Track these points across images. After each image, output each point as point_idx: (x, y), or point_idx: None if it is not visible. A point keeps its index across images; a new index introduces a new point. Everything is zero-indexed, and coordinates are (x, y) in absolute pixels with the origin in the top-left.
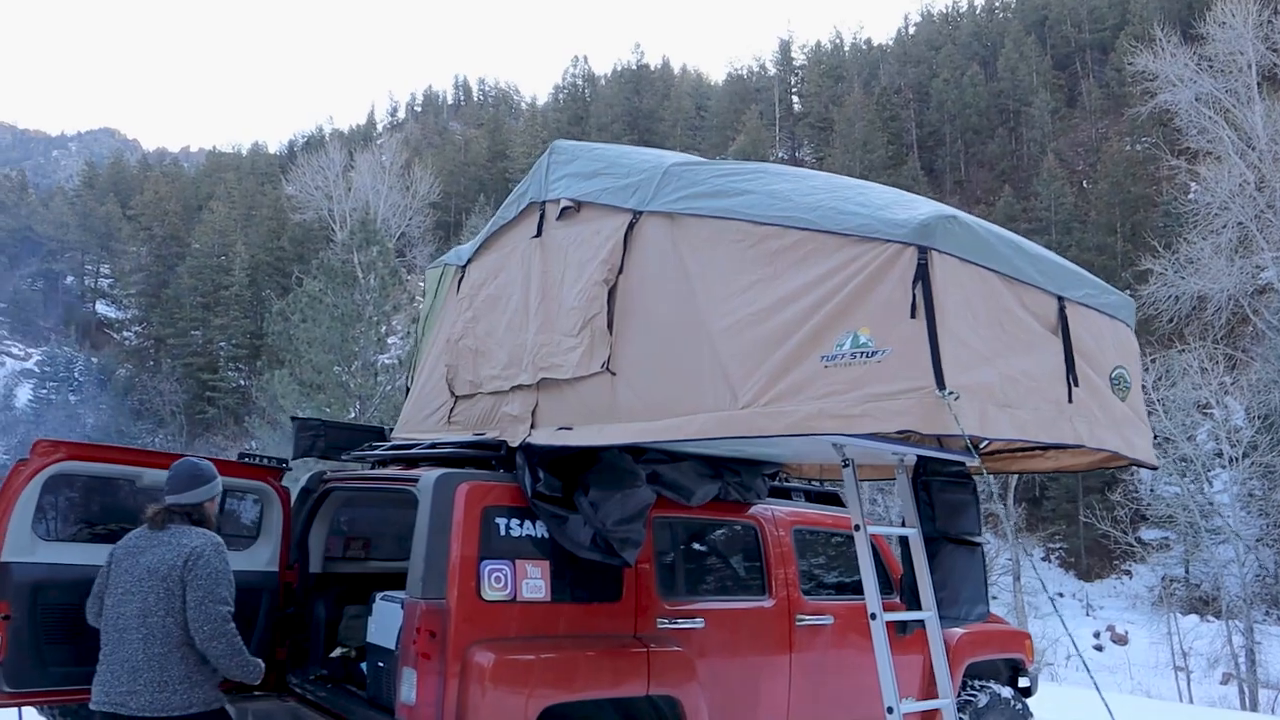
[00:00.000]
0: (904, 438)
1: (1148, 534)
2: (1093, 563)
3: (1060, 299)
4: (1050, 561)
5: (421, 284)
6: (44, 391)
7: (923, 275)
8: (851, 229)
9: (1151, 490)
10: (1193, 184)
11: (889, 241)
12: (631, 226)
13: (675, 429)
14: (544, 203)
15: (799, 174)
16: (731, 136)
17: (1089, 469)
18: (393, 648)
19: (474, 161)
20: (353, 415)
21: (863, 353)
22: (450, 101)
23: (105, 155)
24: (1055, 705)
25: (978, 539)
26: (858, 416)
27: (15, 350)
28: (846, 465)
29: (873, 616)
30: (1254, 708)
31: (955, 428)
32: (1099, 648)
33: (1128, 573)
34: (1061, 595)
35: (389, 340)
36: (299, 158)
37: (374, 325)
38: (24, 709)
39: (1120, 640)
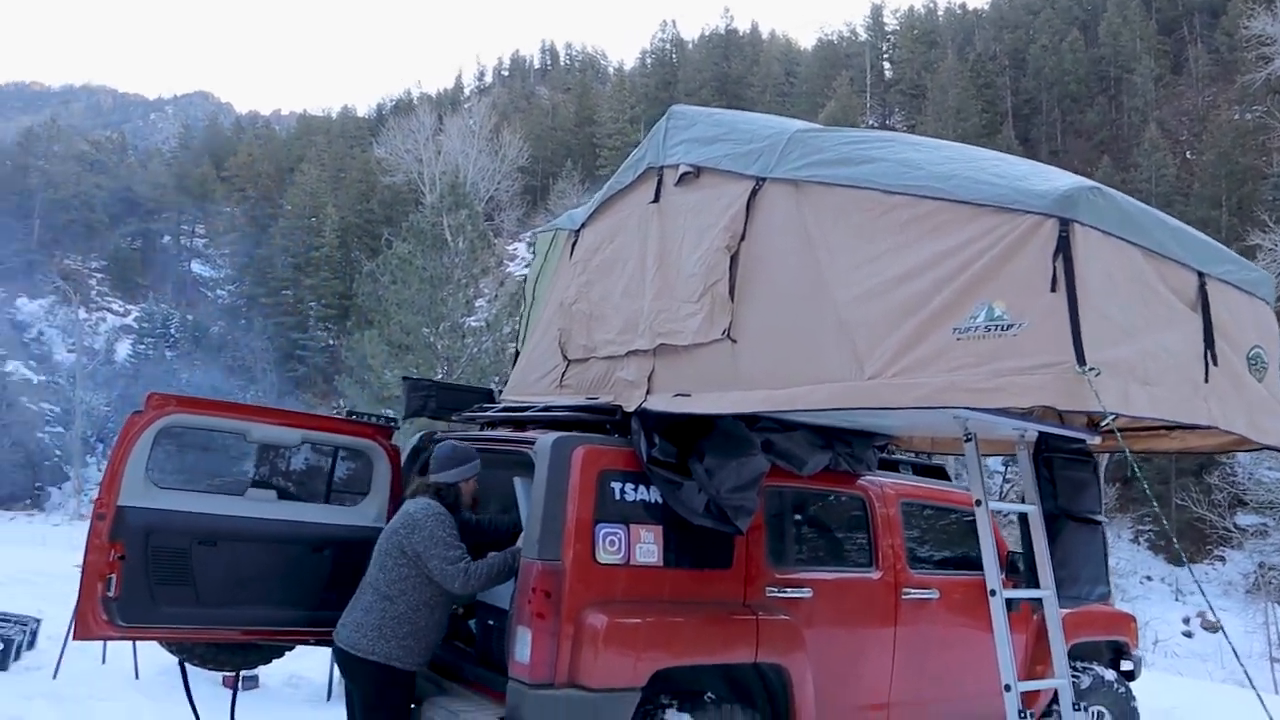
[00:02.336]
0: (1027, 413)
1: (1244, 519)
2: (1184, 546)
3: (1201, 275)
4: (1140, 544)
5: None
6: (142, 347)
7: (1064, 248)
8: (988, 199)
9: (1251, 475)
10: None
11: (1028, 213)
12: (754, 193)
13: (799, 398)
14: (662, 168)
15: (930, 143)
16: (821, 103)
17: (1216, 450)
18: (505, 607)
19: (561, 126)
20: (440, 376)
21: (998, 326)
22: (537, 66)
23: (200, 118)
24: (1150, 691)
25: (1099, 517)
26: (991, 390)
27: (115, 307)
28: (969, 440)
29: (992, 593)
30: None
31: (1095, 404)
32: (1189, 634)
33: (1221, 558)
34: (1150, 579)
35: (477, 303)
36: (388, 121)
37: (462, 288)
38: (137, 643)
39: (1211, 627)
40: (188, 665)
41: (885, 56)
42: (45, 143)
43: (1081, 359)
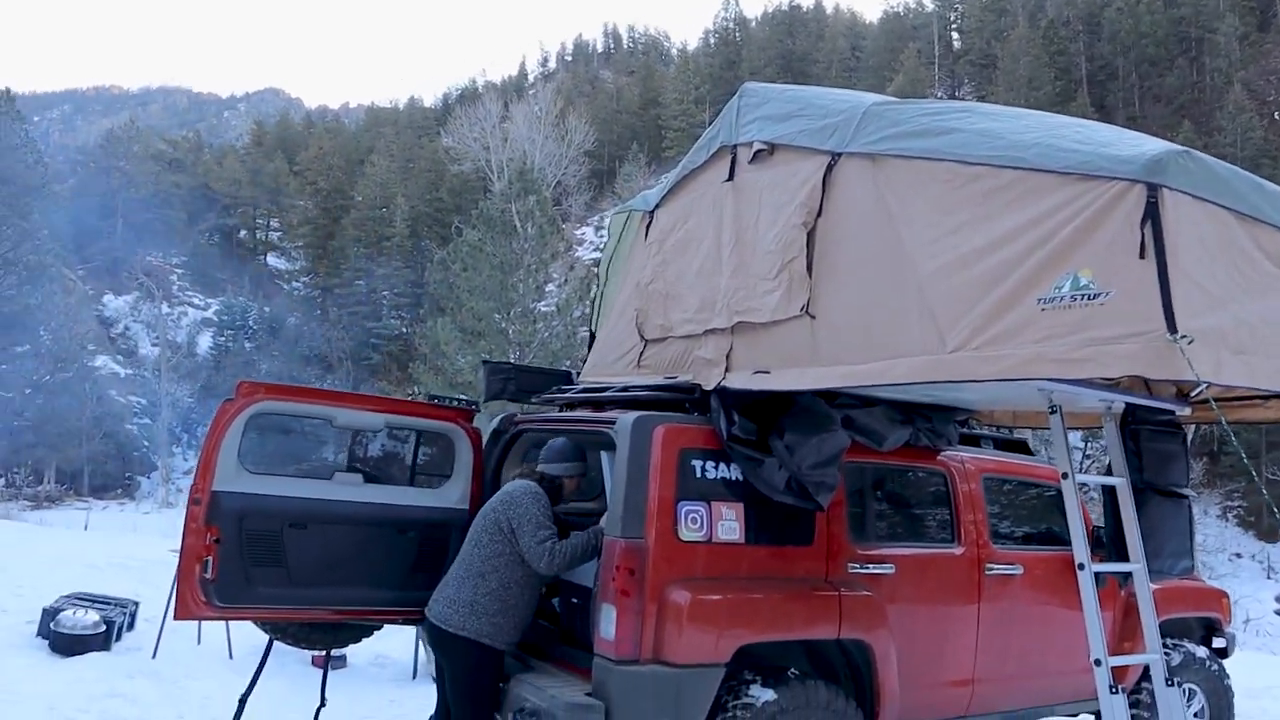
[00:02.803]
0: (1113, 384)
1: None
2: (1275, 522)
3: None
4: (1228, 520)
5: (578, 233)
6: (222, 339)
7: (1152, 214)
8: (1072, 167)
9: None
10: None
11: (1114, 179)
12: (830, 168)
13: (880, 373)
14: (736, 146)
15: (1009, 112)
16: (889, 77)
17: None
18: (589, 585)
19: (626, 109)
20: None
21: (1084, 295)
22: (600, 50)
23: (272, 114)
24: (1243, 670)
25: (1185, 491)
26: (1079, 360)
27: (196, 301)
28: (1054, 412)
29: (1080, 566)
30: None
31: (1188, 373)
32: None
33: None
34: (1239, 556)
35: (547, 288)
36: (455, 110)
37: (533, 273)
38: (230, 624)
39: None
40: (280, 644)
41: (953, 26)
42: (125, 144)
43: (1173, 327)
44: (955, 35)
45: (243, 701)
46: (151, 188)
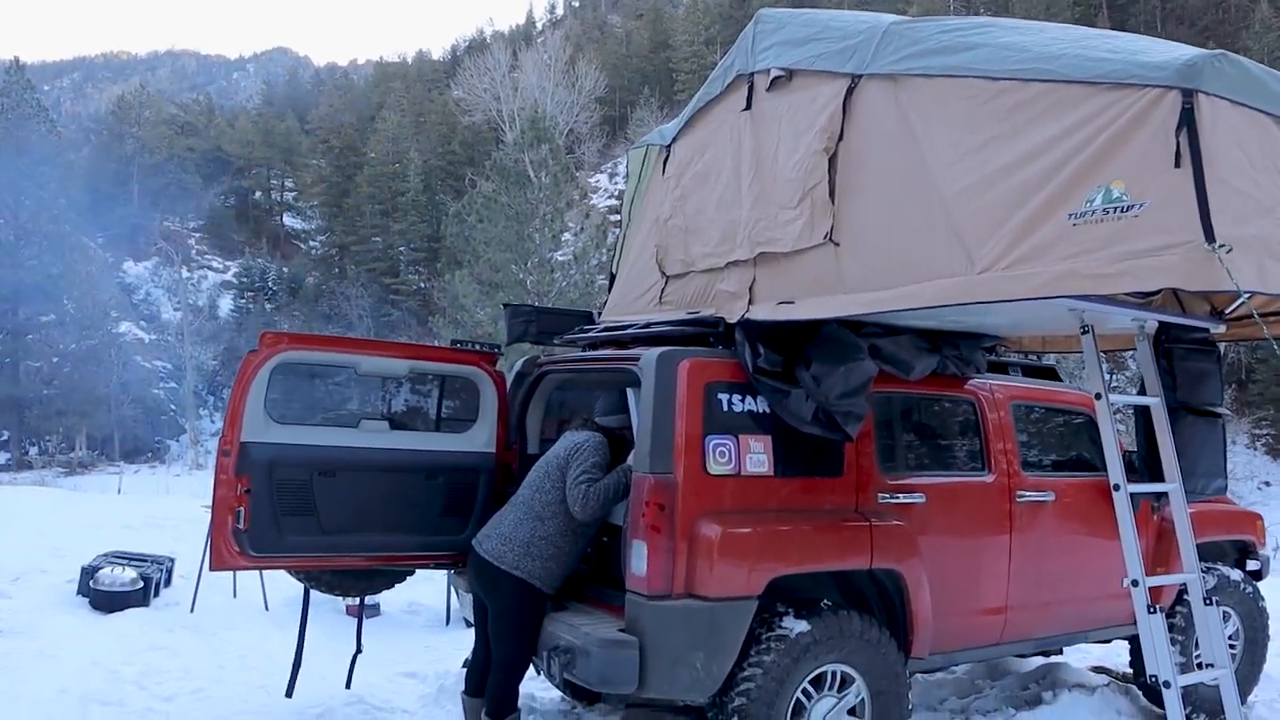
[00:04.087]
0: (1146, 302)
1: None
2: None
3: None
4: (1256, 448)
5: (592, 180)
6: (243, 301)
7: (1188, 120)
8: (1102, 76)
9: None
10: None
11: (1148, 86)
12: (850, 91)
13: (907, 297)
14: (752, 74)
15: (1033, 26)
16: (904, 6)
17: None
18: (619, 524)
19: (636, 54)
20: None
21: (1117, 208)
22: None
23: (281, 74)
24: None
25: (1220, 410)
26: (1114, 275)
27: (215, 264)
28: (1086, 332)
29: (1115, 488)
30: None
31: (1228, 283)
32: None
33: None
34: (1269, 484)
35: (563, 237)
36: (463, 61)
37: (548, 222)
38: (264, 576)
39: None
40: (314, 593)
41: None
42: (136, 109)
43: (1210, 236)
44: None
45: (298, 658)
46: (165, 153)
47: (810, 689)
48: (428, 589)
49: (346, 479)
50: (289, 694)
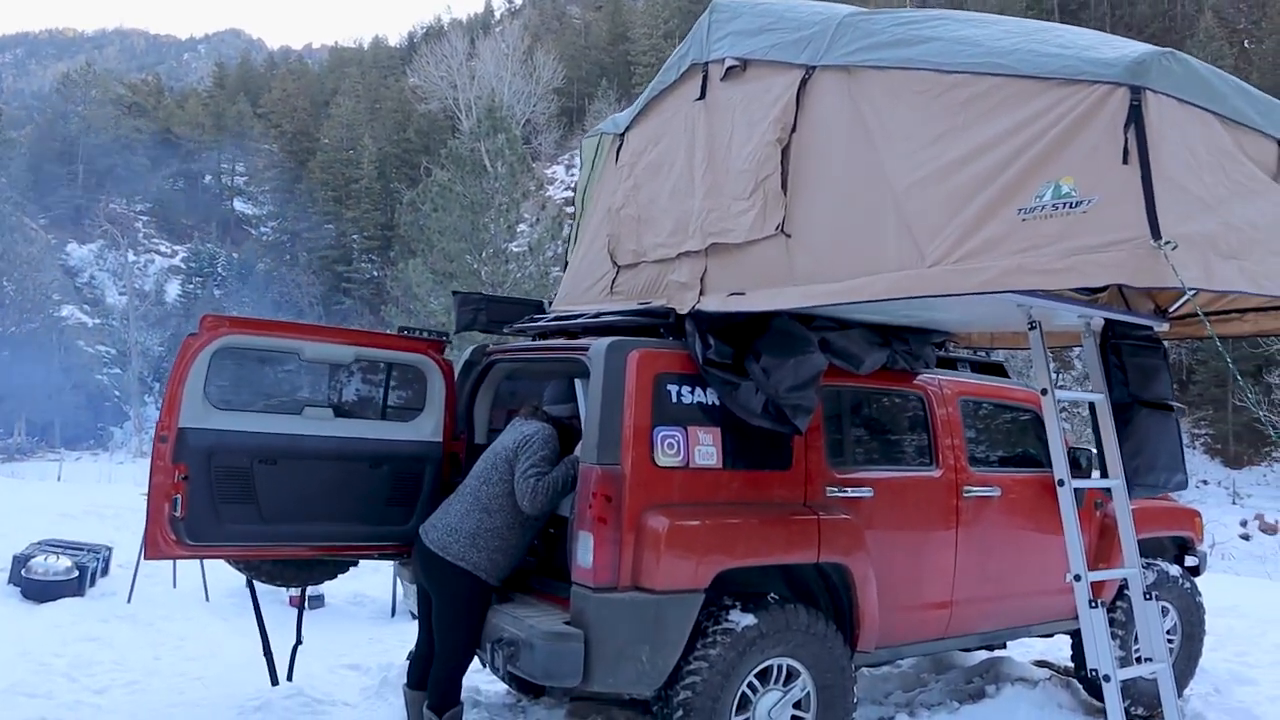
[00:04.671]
0: (1092, 299)
1: None
2: (1241, 449)
3: None
4: (1195, 447)
5: (548, 171)
6: (190, 286)
7: (1136, 117)
8: (1053, 72)
9: None
10: None
11: (1096, 83)
12: (804, 83)
13: (857, 290)
14: (707, 63)
15: (986, 19)
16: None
17: None
18: (566, 515)
19: (595, 45)
20: None
21: (1065, 203)
22: None
23: (233, 56)
24: (1211, 589)
25: (1173, 403)
26: (1061, 271)
27: (163, 248)
28: (1034, 328)
29: (1060, 483)
30: None
31: (1173, 280)
32: (1246, 537)
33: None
34: (1206, 482)
35: (519, 228)
36: (420, 49)
37: (504, 213)
38: (205, 566)
39: (1270, 529)
40: (256, 584)
41: None
42: (83, 88)
43: (1157, 233)
44: None
45: (266, 646)
46: (112, 133)
47: (756, 683)
48: (374, 580)
49: (288, 467)
50: (274, 682)
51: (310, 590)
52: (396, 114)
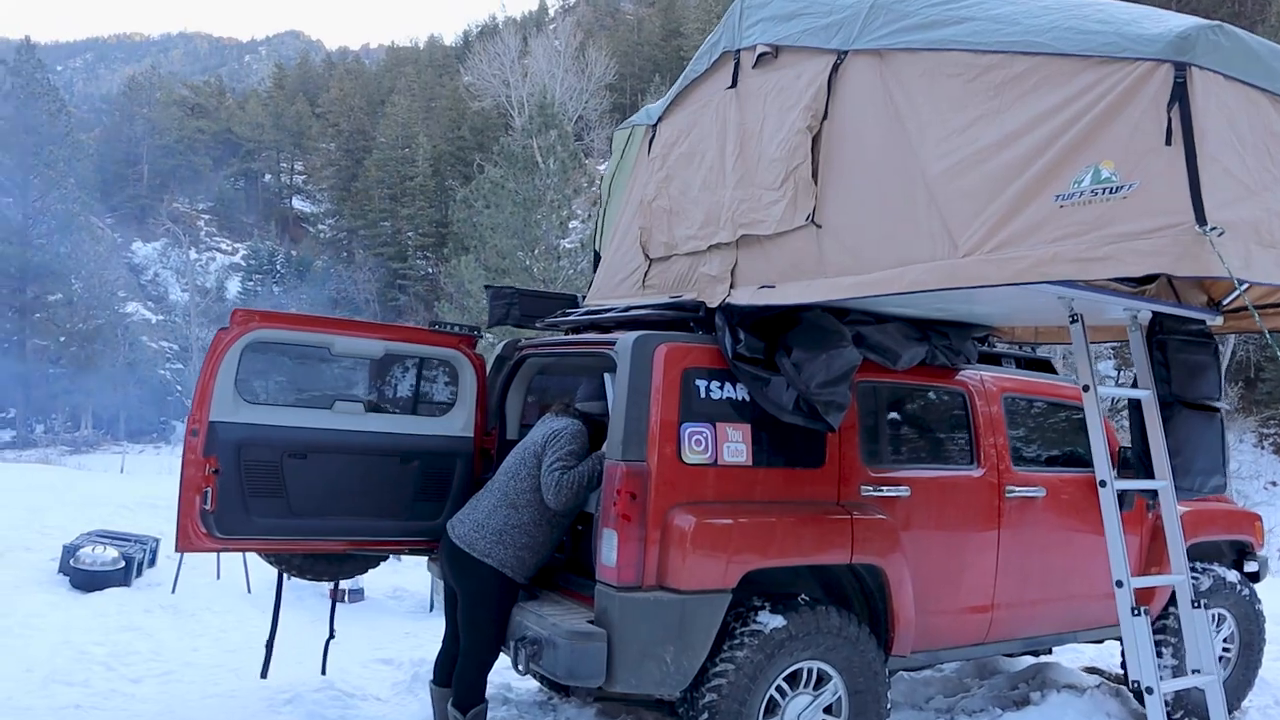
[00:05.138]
0: (1139, 290)
1: None
2: None
3: None
4: (1264, 448)
5: (600, 167)
6: (250, 284)
7: (1180, 95)
8: (1092, 49)
9: None
10: None
11: (1138, 60)
12: (836, 68)
13: (889, 282)
14: (738, 51)
15: None
16: None
17: None
18: (591, 511)
19: (647, 41)
20: None
21: (1105, 189)
22: None
23: (292, 57)
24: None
25: (1218, 404)
26: (1100, 260)
27: (224, 246)
28: (1075, 321)
29: (1102, 484)
30: None
31: (1219, 268)
32: None
33: None
34: (1275, 484)
35: (570, 224)
36: (474, 47)
37: (555, 209)
38: (248, 560)
39: None
40: (288, 577)
41: None
42: (148, 91)
43: (1202, 218)
44: None
45: (270, 639)
46: (175, 134)
47: (785, 686)
48: (413, 575)
49: (318, 461)
50: (264, 675)
51: (350, 584)
52: (451, 112)
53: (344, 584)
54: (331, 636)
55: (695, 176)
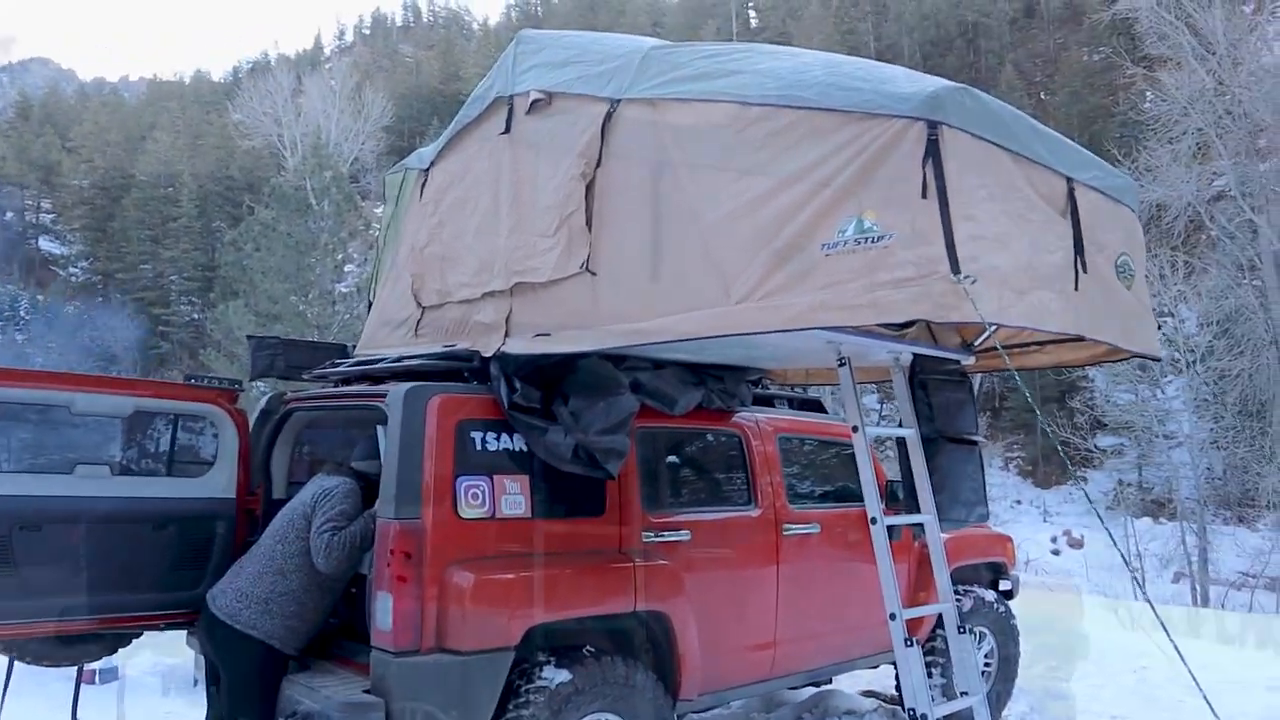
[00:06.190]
0: (899, 334)
1: (1104, 441)
2: (1050, 470)
3: (1069, 180)
4: (1009, 470)
5: (377, 210)
6: None
7: (933, 152)
8: (853, 105)
9: (1108, 399)
10: (1148, 92)
11: (895, 117)
12: (609, 116)
13: (664, 329)
14: (512, 96)
15: (792, 52)
16: (691, 32)
17: (1088, 363)
18: (365, 573)
19: (426, 84)
20: None
21: (867, 238)
22: (399, 23)
23: (39, 85)
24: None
25: (976, 437)
26: (863, 306)
27: None
28: (843, 364)
29: (873, 521)
30: (1205, 603)
31: (974, 314)
32: (1056, 552)
33: (1084, 479)
34: (1020, 502)
35: (346, 268)
36: (244, 83)
37: (330, 253)
38: None
39: (1077, 544)
40: (20, 664)
41: (750, 5)
42: None
43: (956, 268)
44: (752, 13)
45: None
46: None
47: None
48: (175, 647)
49: (56, 532)
50: None
51: (101, 663)
52: (219, 150)
53: (94, 664)
54: None
55: (469, 223)
